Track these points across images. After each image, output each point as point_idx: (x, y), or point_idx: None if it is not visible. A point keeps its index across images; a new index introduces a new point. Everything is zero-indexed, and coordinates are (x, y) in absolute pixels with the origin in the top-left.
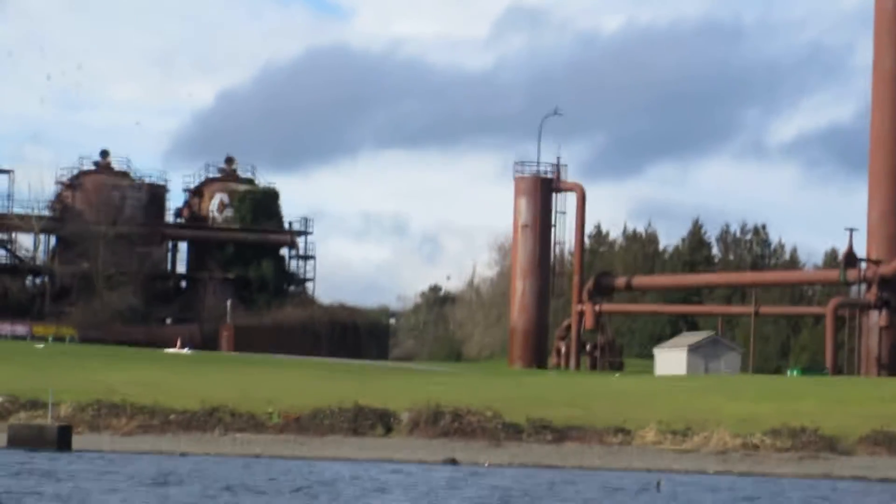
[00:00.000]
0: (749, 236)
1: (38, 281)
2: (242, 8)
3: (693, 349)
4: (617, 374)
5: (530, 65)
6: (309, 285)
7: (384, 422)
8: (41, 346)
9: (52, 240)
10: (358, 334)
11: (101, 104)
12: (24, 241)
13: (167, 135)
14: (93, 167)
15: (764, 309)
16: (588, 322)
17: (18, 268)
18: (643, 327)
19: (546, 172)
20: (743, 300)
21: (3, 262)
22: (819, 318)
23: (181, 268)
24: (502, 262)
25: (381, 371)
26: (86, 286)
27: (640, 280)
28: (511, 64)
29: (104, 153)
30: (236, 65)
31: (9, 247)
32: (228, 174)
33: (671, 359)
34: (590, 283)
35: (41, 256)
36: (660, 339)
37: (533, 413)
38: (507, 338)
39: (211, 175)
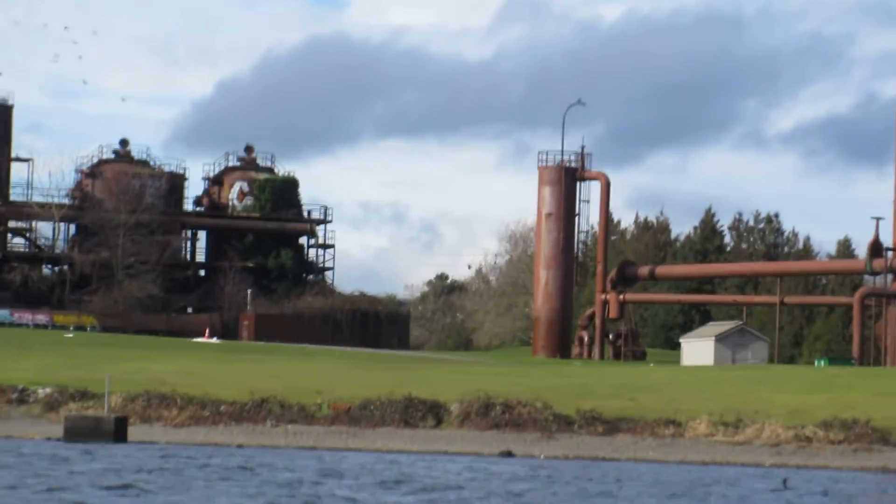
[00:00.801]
0: (762, 225)
1: (57, 269)
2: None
3: (721, 339)
4: (651, 364)
5: (530, 54)
6: (328, 274)
7: (434, 413)
8: (70, 335)
9: (72, 228)
10: (378, 323)
11: (97, 93)
12: (44, 229)
13: (165, 124)
14: (112, 156)
15: (789, 299)
16: (612, 311)
17: (38, 256)
18: (654, 317)
19: (570, 161)
20: (756, 289)
21: (23, 250)
22: (833, 308)
23: (200, 257)
24: (513, 251)
25: (414, 361)
26: (105, 275)
27: (664, 269)
28: (511, 53)
29: (124, 142)
30: (234, 55)
31: (28, 235)
32: (248, 163)
33: (698, 349)
34: (613, 273)
35: (61, 245)
36: (672, 328)
37: (579, 404)
38: (519, 327)
39: (230, 164)
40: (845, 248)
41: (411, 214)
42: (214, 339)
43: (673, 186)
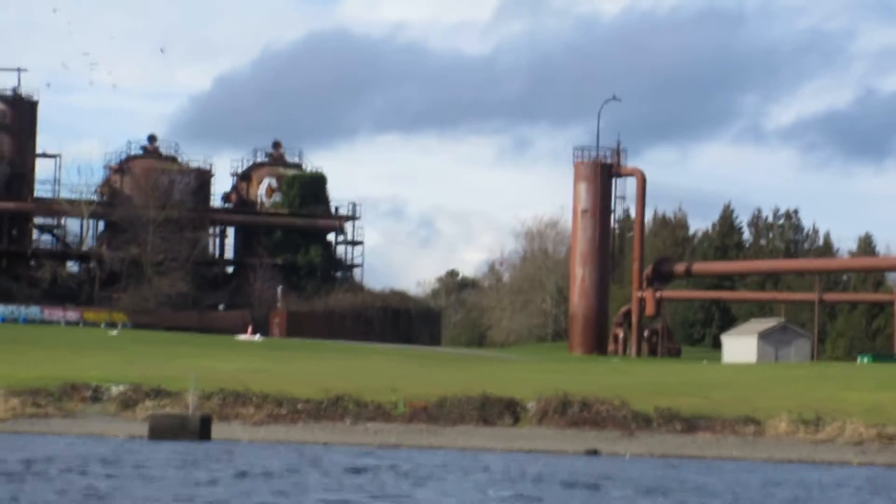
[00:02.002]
0: (781, 221)
1: (85, 266)
2: None
3: (764, 336)
4: (705, 361)
5: (530, 49)
6: (356, 271)
7: (511, 410)
8: (115, 332)
9: (100, 225)
10: (410, 320)
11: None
12: (71, 225)
13: (163, 119)
14: (140, 152)
15: (828, 296)
16: (649, 308)
17: (66, 253)
18: (674, 314)
19: (605, 157)
20: (776, 286)
21: (51, 247)
22: (855, 305)
23: (228, 253)
24: (529, 248)
25: (466, 359)
26: (135, 272)
27: (700, 266)
28: (510, 48)
29: (151, 137)
30: (232, 49)
31: (57, 232)
32: (276, 158)
33: (741, 346)
34: (648, 270)
35: (89, 242)
36: (692, 325)
37: (652, 402)
38: (535, 323)
39: (258, 160)
40: (867, 245)
41: (409, 209)
42: (257, 337)
43: (672, 181)
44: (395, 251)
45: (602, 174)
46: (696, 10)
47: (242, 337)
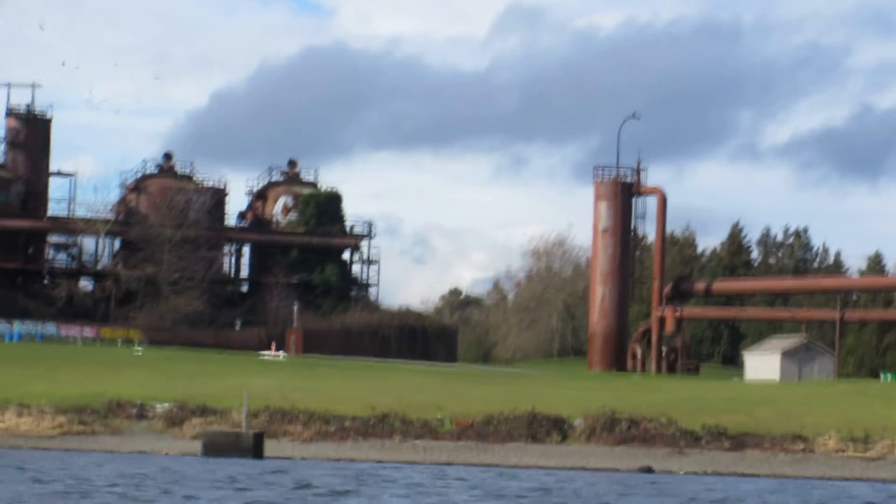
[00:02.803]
0: (791, 240)
1: (100, 284)
2: (222, 7)
3: (787, 353)
4: (735, 378)
5: (526, 65)
6: (372, 290)
7: (559, 428)
8: (139, 351)
9: (116, 243)
10: (427, 338)
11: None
12: (87, 244)
13: (159, 136)
14: (156, 170)
15: (850, 315)
16: (669, 326)
17: (82, 271)
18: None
19: (626, 176)
20: (785, 304)
21: (68, 265)
22: (866, 324)
23: (243, 271)
24: (536, 266)
25: (497, 376)
26: (151, 290)
27: (721, 285)
28: (507, 64)
29: (167, 156)
30: (227, 66)
31: (72, 251)
32: (291, 177)
33: (763, 363)
34: (668, 288)
35: (105, 260)
36: (700, 342)
37: (695, 419)
38: (543, 340)
39: (274, 179)
40: (875, 264)
41: (404, 227)
42: (281, 355)
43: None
44: (389, 268)
45: (622, 193)
46: (692, 25)
47: (266, 355)
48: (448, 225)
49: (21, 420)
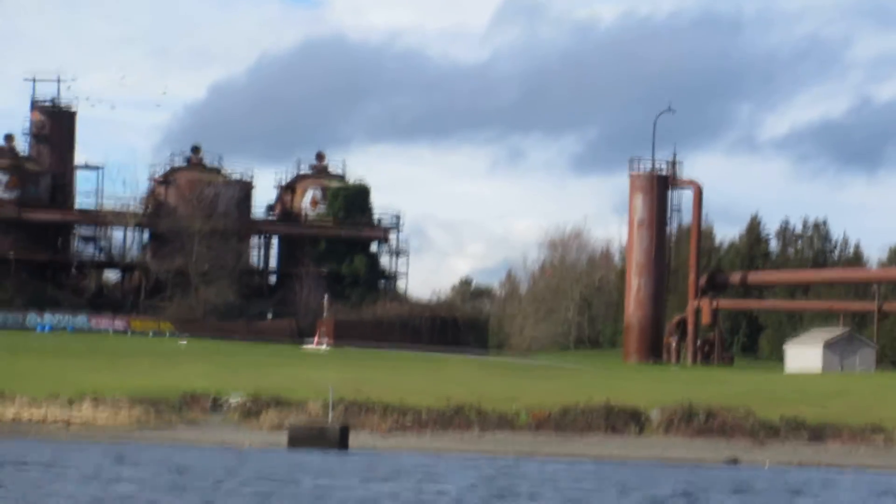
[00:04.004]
0: (810, 232)
1: (129, 276)
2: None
3: (829, 345)
4: (785, 371)
5: (526, 57)
6: (401, 281)
7: (636, 420)
8: (184, 343)
9: (145, 235)
10: (458, 328)
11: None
12: (116, 236)
13: (157, 129)
14: (184, 163)
15: (889, 305)
16: (705, 318)
17: (111, 263)
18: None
19: (661, 169)
20: (805, 295)
21: (96, 257)
22: (886, 315)
23: (272, 263)
24: (552, 257)
25: (544, 369)
26: (180, 281)
27: (755, 276)
28: (506, 56)
29: (195, 149)
30: (224, 58)
31: (101, 243)
32: (319, 170)
33: (805, 355)
34: (703, 280)
35: (135, 252)
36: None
37: (767, 411)
38: (559, 332)
39: (302, 171)
40: None
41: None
42: (324, 346)
43: None
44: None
45: (658, 186)
46: (693, 17)
47: (309, 346)
48: (445, 216)
49: (97, 412)
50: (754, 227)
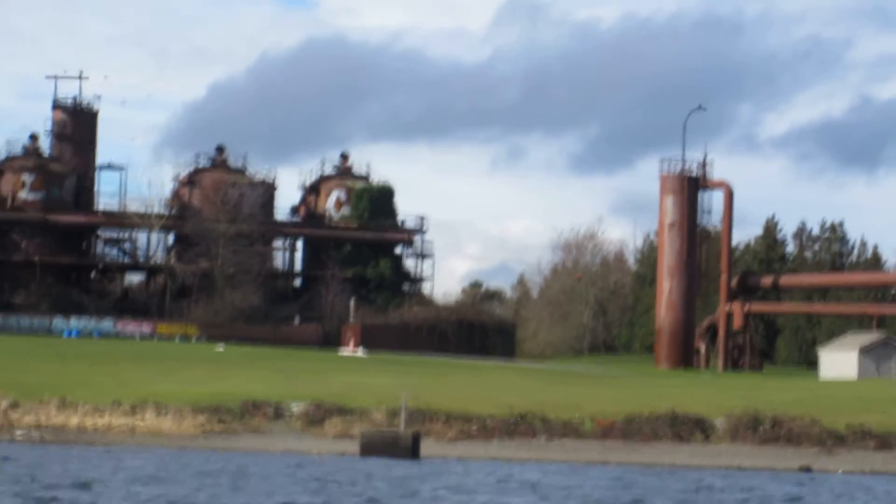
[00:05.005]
0: (827, 234)
1: (153, 279)
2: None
3: (865, 351)
4: (821, 378)
5: (526, 57)
6: (426, 284)
7: (701, 428)
8: (221, 348)
9: (170, 238)
10: (485, 333)
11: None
12: (140, 238)
13: (156, 128)
14: (208, 164)
15: None
16: (737, 322)
17: (136, 266)
18: None
19: (691, 170)
20: (824, 299)
21: (120, 260)
22: None
23: (296, 266)
24: (565, 260)
25: (581, 376)
26: (206, 285)
27: (787, 279)
28: (507, 56)
29: (220, 149)
30: (224, 57)
31: (125, 246)
32: (344, 171)
33: (839, 360)
34: (734, 282)
35: (160, 255)
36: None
37: (832, 419)
38: (574, 336)
39: (326, 172)
40: None
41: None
42: (360, 352)
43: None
44: None
45: (689, 187)
46: (694, 18)
47: (345, 351)
48: (443, 217)
49: (161, 420)
50: (770, 229)
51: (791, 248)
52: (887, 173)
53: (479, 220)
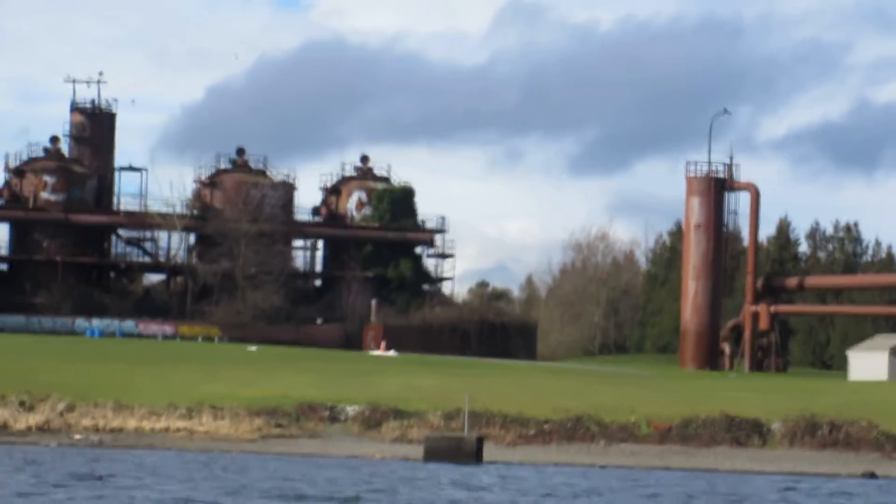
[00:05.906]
0: (841, 234)
1: (174, 280)
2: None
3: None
4: (852, 379)
5: (525, 60)
6: (447, 285)
7: (758, 432)
8: (254, 349)
9: (192, 238)
10: (507, 334)
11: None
12: (162, 238)
13: (154, 130)
14: (229, 165)
15: None
16: (763, 323)
17: (158, 266)
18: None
19: (717, 171)
20: (837, 300)
21: (141, 260)
22: None
23: (317, 266)
24: (576, 260)
25: (625, 377)
26: (227, 285)
27: (813, 280)
28: (506, 59)
29: (240, 150)
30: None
31: (147, 246)
32: (365, 172)
33: (870, 362)
34: (759, 284)
35: (182, 255)
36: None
37: (882, 423)
38: (586, 336)
39: (347, 173)
40: None
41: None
42: (392, 353)
43: (657, 194)
44: None
45: (715, 188)
46: (694, 20)
47: (375, 352)
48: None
49: (218, 423)
50: (783, 229)
51: (804, 248)
52: (886, 175)
53: (476, 220)
